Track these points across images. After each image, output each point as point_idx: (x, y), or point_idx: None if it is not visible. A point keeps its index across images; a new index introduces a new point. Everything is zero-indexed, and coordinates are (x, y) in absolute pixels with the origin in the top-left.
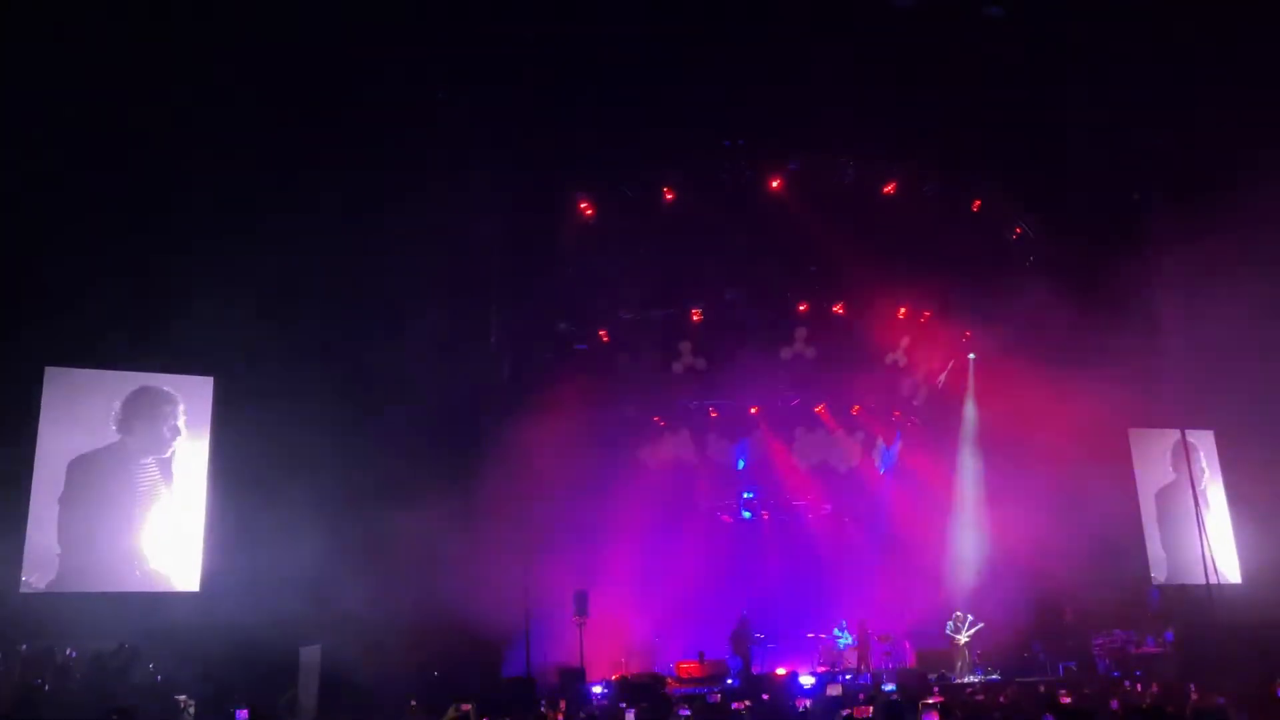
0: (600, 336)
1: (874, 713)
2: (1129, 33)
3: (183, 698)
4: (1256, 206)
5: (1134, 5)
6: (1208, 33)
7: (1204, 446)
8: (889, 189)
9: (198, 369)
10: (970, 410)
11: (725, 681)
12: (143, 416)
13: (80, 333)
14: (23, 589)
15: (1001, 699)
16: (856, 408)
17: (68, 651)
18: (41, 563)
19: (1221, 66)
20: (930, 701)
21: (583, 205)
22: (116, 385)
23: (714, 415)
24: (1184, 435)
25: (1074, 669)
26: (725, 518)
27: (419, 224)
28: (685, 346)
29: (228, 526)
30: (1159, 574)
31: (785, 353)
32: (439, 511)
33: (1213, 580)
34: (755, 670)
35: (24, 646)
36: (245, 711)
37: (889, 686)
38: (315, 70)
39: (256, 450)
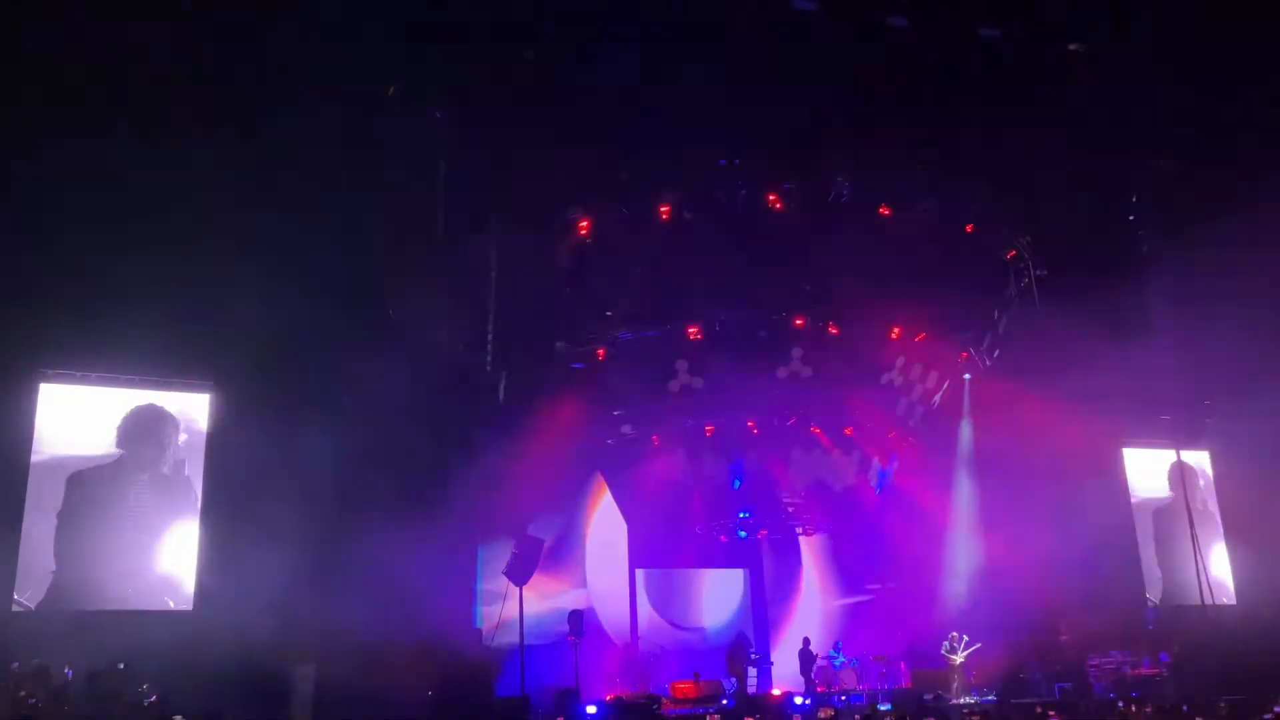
0: (597, 355)
1: None
2: (1126, 51)
3: (178, 718)
4: (1256, 224)
5: (1131, 22)
6: (1208, 49)
7: (1199, 466)
8: (885, 209)
9: (194, 386)
10: (966, 430)
11: (721, 702)
12: (142, 433)
13: (76, 347)
14: (15, 607)
15: None
16: (851, 428)
17: (64, 670)
18: (34, 580)
19: (1222, 83)
20: None
21: (579, 223)
22: (112, 400)
23: (710, 434)
24: (1179, 455)
25: (1070, 690)
26: (721, 537)
27: (415, 241)
28: (681, 365)
29: (221, 545)
30: (1154, 594)
31: (781, 372)
32: (434, 531)
33: (1208, 601)
34: (751, 691)
35: (16, 665)
36: None
37: (885, 705)
38: (310, 82)
39: (251, 468)
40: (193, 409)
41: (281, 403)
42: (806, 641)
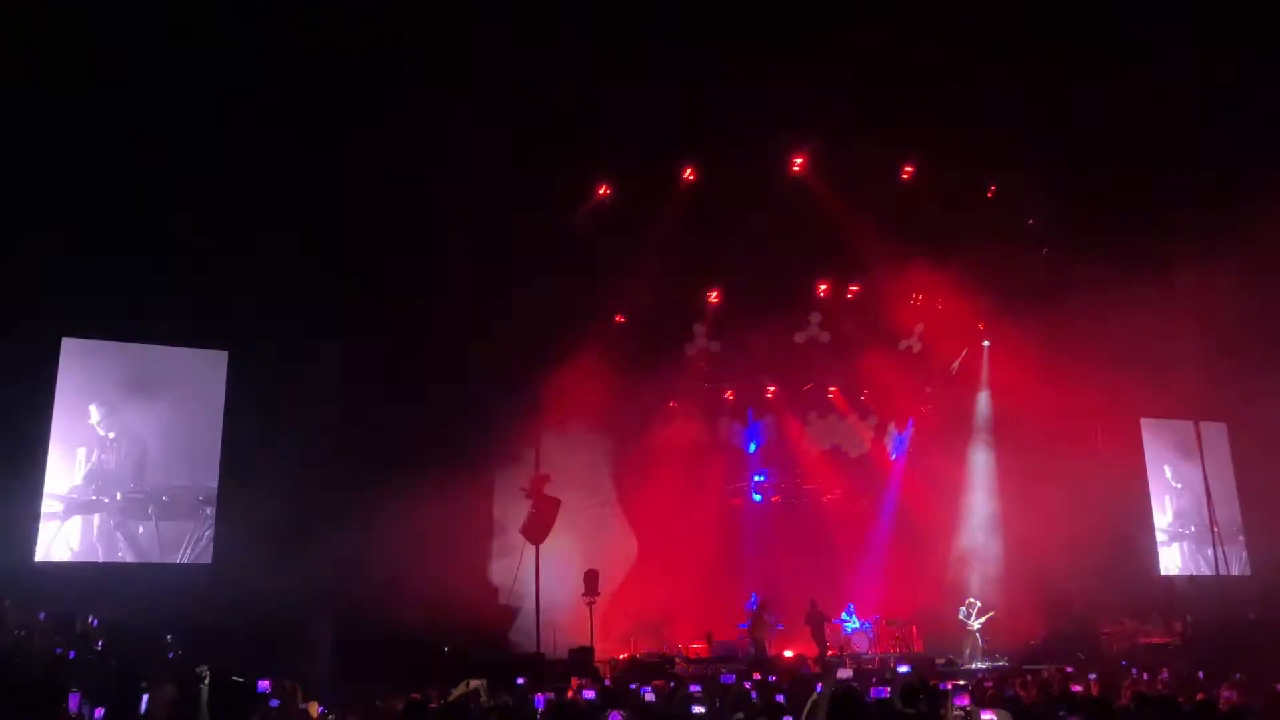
0: (615, 318)
1: (891, 693)
2: (1147, 17)
3: (201, 668)
4: (1275, 193)
5: None
6: (1233, 17)
7: (1216, 437)
8: (907, 174)
9: (214, 343)
10: (983, 398)
11: (735, 663)
12: (158, 390)
13: (98, 304)
14: (39, 558)
15: (1011, 685)
16: (869, 392)
17: (89, 620)
18: (57, 533)
19: (1245, 49)
20: (962, 683)
21: (601, 186)
22: (133, 357)
23: (727, 398)
24: (1196, 426)
25: (1082, 658)
26: (736, 500)
27: (435, 204)
28: (700, 329)
29: (242, 498)
30: (1168, 564)
31: (799, 336)
32: (452, 490)
33: (1222, 572)
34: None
35: (43, 615)
36: (268, 682)
37: (904, 669)
38: (322, 54)
39: (270, 425)
40: (213, 365)
41: (302, 361)
42: (813, 603)
